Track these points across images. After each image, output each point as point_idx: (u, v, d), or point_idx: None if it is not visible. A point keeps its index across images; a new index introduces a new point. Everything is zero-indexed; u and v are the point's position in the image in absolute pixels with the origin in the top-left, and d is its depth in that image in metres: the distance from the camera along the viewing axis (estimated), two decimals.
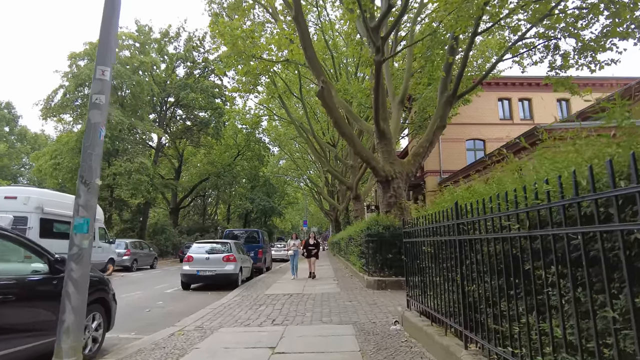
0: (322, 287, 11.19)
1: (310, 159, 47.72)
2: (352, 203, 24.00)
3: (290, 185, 60.28)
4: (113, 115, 24.02)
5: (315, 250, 13.36)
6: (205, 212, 58.69)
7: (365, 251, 11.05)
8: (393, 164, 12.72)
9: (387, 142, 12.90)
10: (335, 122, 11.85)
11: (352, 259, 14.56)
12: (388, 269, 10.37)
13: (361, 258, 12.23)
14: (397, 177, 12.53)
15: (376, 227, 10.51)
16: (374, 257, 10.55)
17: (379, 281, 10.11)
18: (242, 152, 40.62)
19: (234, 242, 12.84)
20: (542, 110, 27.90)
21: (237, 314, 7.34)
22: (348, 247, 16.81)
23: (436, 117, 13.27)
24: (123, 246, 18.66)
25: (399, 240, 10.37)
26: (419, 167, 13.15)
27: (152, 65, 28.87)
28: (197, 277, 11.45)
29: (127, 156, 24.87)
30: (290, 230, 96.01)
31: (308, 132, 25.53)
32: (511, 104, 29.05)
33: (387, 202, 12.36)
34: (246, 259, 13.43)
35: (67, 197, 13.45)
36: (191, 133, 34.98)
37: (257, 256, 15.82)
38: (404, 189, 12.74)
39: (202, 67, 33.80)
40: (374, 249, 10.50)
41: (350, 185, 23.59)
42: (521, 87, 29.28)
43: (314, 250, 13.36)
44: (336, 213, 40.70)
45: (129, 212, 30.93)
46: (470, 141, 28.95)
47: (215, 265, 11.42)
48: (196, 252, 11.81)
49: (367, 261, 10.80)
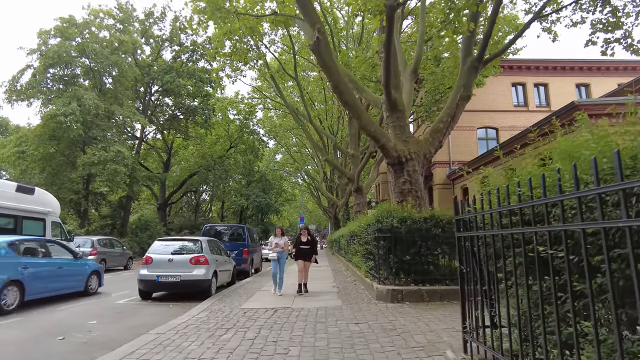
0: (318, 298, 8.67)
1: (308, 153, 45.24)
2: (354, 197, 21.50)
3: (287, 181, 57.72)
4: (87, 98, 21.43)
5: (308, 250, 9.43)
6: (198, 209, 56.14)
7: (375, 251, 8.52)
8: (407, 142, 10.20)
9: (399, 116, 10.37)
10: (335, 86, 9.31)
11: (355, 261, 12.02)
12: (405, 274, 7.85)
13: (367, 260, 9.70)
14: (413, 159, 10.01)
15: (389, 220, 7.99)
16: (386, 260, 8.03)
17: (393, 292, 7.60)
18: (235, 144, 38.00)
19: (208, 239, 10.27)
20: (560, 96, 25.51)
21: (188, 348, 4.82)
22: (350, 246, 14.29)
23: (459, 85, 10.75)
24: (89, 244, 16.09)
25: (419, 236, 7.86)
26: (439, 147, 10.65)
27: (133, 46, 26.22)
28: (156, 285, 8.90)
29: (103, 144, 22.25)
30: (288, 229, 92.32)
31: (304, 118, 23.00)
32: (526, 89, 26.69)
33: (400, 190, 9.85)
34: (225, 261, 10.89)
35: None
36: (178, 122, 32.31)
37: (242, 257, 13.30)
38: (420, 173, 10.23)
39: (190, 50, 31.11)
40: (387, 249, 7.97)
41: (351, 176, 21.07)
42: (537, 71, 26.85)
43: (308, 250, 9.46)
44: (335, 209, 38.24)
45: (109, 207, 28.30)
46: (482, 129, 26.56)
47: (180, 269, 8.88)
48: (157, 251, 9.26)
49: (377, 264, 8.27)
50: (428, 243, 7.91)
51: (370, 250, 9.24)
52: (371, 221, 9.05)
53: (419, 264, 7.85)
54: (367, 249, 9.75)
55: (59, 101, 21.18)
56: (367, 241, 9.64)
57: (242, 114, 35.48)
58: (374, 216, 8.77)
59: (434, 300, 7.57)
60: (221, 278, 10.25)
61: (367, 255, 9.76)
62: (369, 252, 9.40)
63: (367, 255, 9.84)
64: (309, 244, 9.54)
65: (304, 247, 9.48)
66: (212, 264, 9.40)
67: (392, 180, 10.25)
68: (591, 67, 26.68)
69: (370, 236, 9.07)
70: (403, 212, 8.20)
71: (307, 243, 9.53)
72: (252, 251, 14.46)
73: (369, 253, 9.44)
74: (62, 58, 22.53)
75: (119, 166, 21.80)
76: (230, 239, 13.87)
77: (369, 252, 9.42)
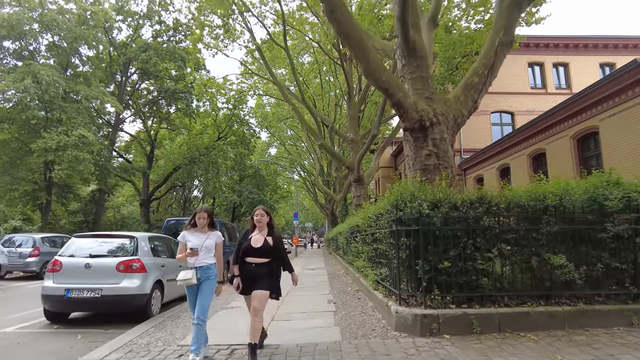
0: (306, 322, 5.78)
1: (304, 147, 42.29)
2: (353, 188, 18.61)
3: (282, 176, 54.77)
4: (43, 74, 18.40)
5: (264, 269, 4.30)
6: (188, 205, 53.15)
7: (391, 254, 5.62)
8: (431, 101, 7.33)
9: (419, 64, 7.49)
10: (331, 10, 6.38)
11: (358, 265, 9.10)
12: (441, 290, 4.97)
13: (378, 265, 6.79)
14: (440, 122, 7.15)
15: (414, 206, 5.12)
16: (410, 267, 5.14)
17: (423, 318, 4.72)
18: (224, 134, 34.96)
19: (151, 236, 7.33)
20: (582, 77, 22.83)
21: None
22: (350, 245, 11.41)
23: (497, 28, 7.86)
24: (30, 243, 13.15)
25: (464, 229, 5.01)
26: (474, 109, 7.78)
27: (105, 20, 23.16)
28: (66, 303, 5.97)
29: (64, 128, 19.21)
30: (284, 228, 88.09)
31: (297, 99, 20.08)
32: (544, 69, 23.94)
33: (423, 167, 6.98)
34: (177, 268, 7.96)
35: None
36: (159, 108, 29.24)
37: None
38: (450, 143, 7.36)
39: (172, 29, 28.01)
40: (411, 250, 5.08)
41: (350, 164, 18.18)
42: (556, 49, 24.03)
43: (263, 270, 4.30)
44: (332, 205, 35.37)
45: (79, 201, 25.23)
46: (495, 114, 23.82)
47: (101, 280, 5.95)
48: (71, 253, 6.34)
49: (395, 274, 5.36)
50: (477, 240, 5.03)
51: (382, 251, 6.34)
52: (384, 209, 6.16)
53: (463, 272, 4.97)
54: (376, 249, 6.85)
55: (9, 77, 18.18)
56: (376, 238, 6.75)
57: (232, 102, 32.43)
58: (387, 201, 5.87)
59: (490, 330, 4.72)
60: (173, 291, 7.33)
61: (377, 258, 6.85)
62: (381, 254, 6.50)
63: (376, 259, 6.93)
64: (266, 252, 4.30)
65: (254, 263, 4.29)
66: (154, 272, 6.48)
67: (410, 154, 7.36)
68: (617, 45, 23.92)
69: (382, 231, 6.17)
70: (436, 192, 5.31)
71: (262, 251, 4.30)
72: (229, 251, 11.54)
73: (381, 256, 6.53)
74: (17, 29, 19.51)
75: (81, 153, 18.79)
76: None
77: (381, 255, 6.52)
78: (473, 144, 23.00)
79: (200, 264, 4.13)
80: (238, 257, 4.34)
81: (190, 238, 4.22)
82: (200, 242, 4.18)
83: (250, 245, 4.29)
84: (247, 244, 4.32)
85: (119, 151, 32.81)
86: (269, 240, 4.34)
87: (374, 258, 7.21)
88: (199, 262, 4.13)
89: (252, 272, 4.27)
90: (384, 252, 6.12)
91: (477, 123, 23.08)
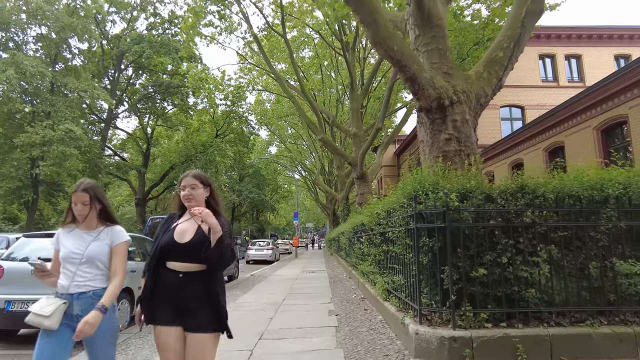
0: (301, 340, 4.68)
1: (304, 146, 41.16)
2: (356, 185, 17.51)
3: (282, 175, 53.70)
4: (27, 64, 17.35)
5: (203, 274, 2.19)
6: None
7: (408, 258, 4.50)
8: (450, 77, 6.24)
9: (436, 34, 6.41)
10: None
11: (363, 268, 7.97)
12: (476, 304, 3.86)
13: (390, 272, 5.67)
14: (461, 101, 6.08)
15: (438, 197, 4.03)
16: (434, 275, 4.04)
17: (452, 342, 3.62)
18: (222, 131, 33.87)
19: None
20: (596, 69, 21.74)
21: None
22: (354, 247, 10.30)
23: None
24: (3, 244, 12.03)
25: (503, 227, 3.88)
26: (498, 88, 6.68)
27: (95, 11, 22.12)
28: (7, 317, 4.88)
29: (48, 121, 18.12)
30: (285, 228, 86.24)
31: (297, 91, 19.03)
32: (555, 62, 22.82)
33: (442, 152, 5.89)
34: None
35: None
36: (154, 104, 28.15)
37: None
38: (472, 125, 6.27)
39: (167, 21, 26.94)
40: (435, 254, 3.99)
41: (353, 160, 17.10)
42: (568, 40, 22.90)
43: (199, 268, 2.18)
44: (334, 205, 34.31)
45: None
46: (505, 108, 22.73)
47: None
48: (16, 256, 5.26)
49: (414, 284, 4.24)
50: (519, 240, 3.93)
51: (394, 254, 5.23)
52: (396, 203, 5.06)
53: (501, 282, 3.87)
54: (387, 252, 5.74)
55: None
56: (387, 239, 5.65)
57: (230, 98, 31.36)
58: (402, 193, 4.77)
59: (540, 357, 3.63)
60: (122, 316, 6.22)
61: (388, 262, 5.74)
62: (393, 257, 5.39)
63: (387, 264, 5.82)
64: (200, 251, 2.14)
65: (180, 272, 2.19)
66: None
67: (426, 139, 6.27)
68: (633, 35, 22.79)
69: (396, 230, 5.07)
70: (466, 180, 4.21)
71: (194, 249, 2.17)
72: None
73: (393, 260, 5.42)
74: (1, 18, 18.47)
75: (68, 148, 17.74)
76: None
77: (393, 259, 5.41)
78: (482, 140, 21.71)
79: (78, 288, 2.23)
80: (152, 263, 2.24)
81: (65, 241, 2.33)
82: (81, 247, 2.29)
83: (173, 240, 2.21)
84: (168, 236, 2.25)
85: (114, 149, 31.79)
86: (204, 229, 2.19)
87: (383, 262, 6.10)
88: (74, 284, 2.23)
89: (176, 289, 2.15)
90: (398, 255, 5.01)
91: (486, 118, 21.95)
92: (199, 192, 2.29)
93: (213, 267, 2.19)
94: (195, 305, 2.14)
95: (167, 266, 2.20)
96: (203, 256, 2.11)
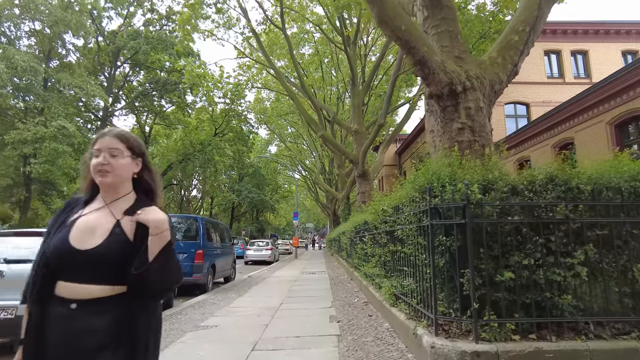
0: (298, 352, 4.14)
1: (304, 145, 40.61)
2: (357, 184, 16.99)
3: (282, 175, 53.18)
4: (18, 58, 16.82)
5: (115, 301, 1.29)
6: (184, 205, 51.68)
7: (421, 260, 3.94)
8: (462, 61, 5.73)
9: (445, 15, 5.90)
10: None
11: (367, 270, 7.42)
12: (501, 312, 3.32)
13: (398, 274, 5.13)
14: (475, 88, 5.57)
15: (457, 188, 3.50)
16: (451, 279, 3.51)
17: (476, 357, 3.09)
18: (221, 130, 33.32)
19: None
20: (603, 65, 21.23)
21: None
22: (356, 247, 9.77)
23: None
24: None
25: (531, 224, 3.31)
26: (513, 74, 6.16)
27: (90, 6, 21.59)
28: None
29: (40, 117, 17.57)
30: (285, 228, 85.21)
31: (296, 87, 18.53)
32: (561, 58, 22.32)
33: (455, 143, 5.37)
34: None
35: None
36: (151, 101, 27.61)
37: (193, 262, 8.76)
38: (487, 114, 5.75)
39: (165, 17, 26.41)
40: (454, 254, 3.45)
41: (354, 157, 16.57)
42: (574, 36, 22.40)
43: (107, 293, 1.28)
44: (334, 205, 33.78)
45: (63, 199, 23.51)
46: (510, 105, 22.17)
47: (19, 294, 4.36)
48: None
49: (429, 289, 3.71)
50: (550, 239, 3.39)
51: (404, 255, 4.69)
52: (406, 197, 4.53)
53: (529, 287, 3.34)
54: (394, 252, 5.21)
55: None
56: (396, 238, 5.10)
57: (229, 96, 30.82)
58: (412, 186, 4.23)
59: None
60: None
61: (397, 264, 5.21)
62: (402, 259, 4.85)
63: (395, 265, 5.28)
64: (111, 263, 1.29)
65: (74, 300, 1.26)
66: None
67: (436, 128, 5.74)
68: None
69: (406, 228, 4.52)
70: (487, 171, 3.68)
71: (101, 260, 1.29)
72: (213, 254, 9.89)
73: (401, 261, 4.88)
74: None
75: (61, 145, 17.19)
76: None
77: (401, 260, 4.87)
78: None
79: None
80: (34, 285, 1.32)
81: None
82: None
83: (68, 243, 1.31)
84: (60, 238, 1.33)
85: None
86: (126, 228, 1.36)
87: (390, 264, 5.57)
88: None
89: (64, 333, 1.24)
90: (408, 256, 4.47)
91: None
92: (121, 162, 1.39)
93: (147, 293, 1.32)
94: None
95: (55, 292, 1.28)
96: (135, 274, 1.26)
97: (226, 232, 12.30)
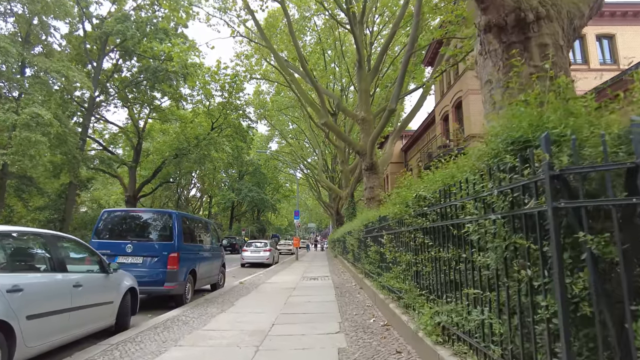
0: None
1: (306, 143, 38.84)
2: (365, 178, 15.17)
3: (283, 173, 51.45)
4: None
5: None
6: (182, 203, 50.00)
7: (522, 278, 2.13)
8: None
9: None
10: None
11: (387, 282, 5.55)
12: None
13: (454, 300, 3.31)
14: (551, 18, 3.78)
15: (592, 145, 1.68)
16: (594, 323, 1.70)
17: None
18: (217, 124, 31.56)
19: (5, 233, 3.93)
20: (630, 50, 19.53)
21: None
22: (368, 250, 7.92)
23: None
24: None
25: None
26: (597, 6, 4.41)
27: None
28: None
29: (12, 104, 15.75)
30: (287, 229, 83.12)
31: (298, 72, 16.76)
32: (585, 42, 20.63)
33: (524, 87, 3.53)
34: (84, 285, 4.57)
35: None
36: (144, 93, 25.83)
37: (165, 267, 6.96)
38: (566, 50, 3.98)
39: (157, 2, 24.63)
40: (607, 271, 1.65)
41: (361, 149, 14.78)
42: (599, 18, 20.53)
43: None
44: (337, 203, 32.00)
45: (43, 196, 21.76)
46: None
47: None
48: None
49: (534, 333, 1.91)
50: None
51: (470, 266, 2.87)
52: (476, 167, 2.70)
53: None
54: (449, 263, 3.37)
55: None
56: (450, 237, 3.27)
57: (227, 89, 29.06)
58: (495, 143, 2.42)
59: None
60: (52, 326, 3.93)
61: (446, 277, 3.37)
62: (467, 271, 3.02)
63: (445, 281, 3.44)
64: None
65: None
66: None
67: (496, 75, 3.95)
68: None
69: (483, 221, 2.68)
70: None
71: None
72: (194, 258, 8.08)
73: (466, 276, 3.06)
74: None
75: (34, 134, 15.39)
76: (143, 234, 7.42)
77: (461, 273, 3.04)
78: None
79: None
80: None
81: None
82: None
83: None
84: None
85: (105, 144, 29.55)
86: None
87: (430, 277, 3.72)
88: None
89: None
90: (486, 267, 2.63)
91: None
92: None
93: None
94: None
95: None
96: None
97: (213, 231, 10.50)
